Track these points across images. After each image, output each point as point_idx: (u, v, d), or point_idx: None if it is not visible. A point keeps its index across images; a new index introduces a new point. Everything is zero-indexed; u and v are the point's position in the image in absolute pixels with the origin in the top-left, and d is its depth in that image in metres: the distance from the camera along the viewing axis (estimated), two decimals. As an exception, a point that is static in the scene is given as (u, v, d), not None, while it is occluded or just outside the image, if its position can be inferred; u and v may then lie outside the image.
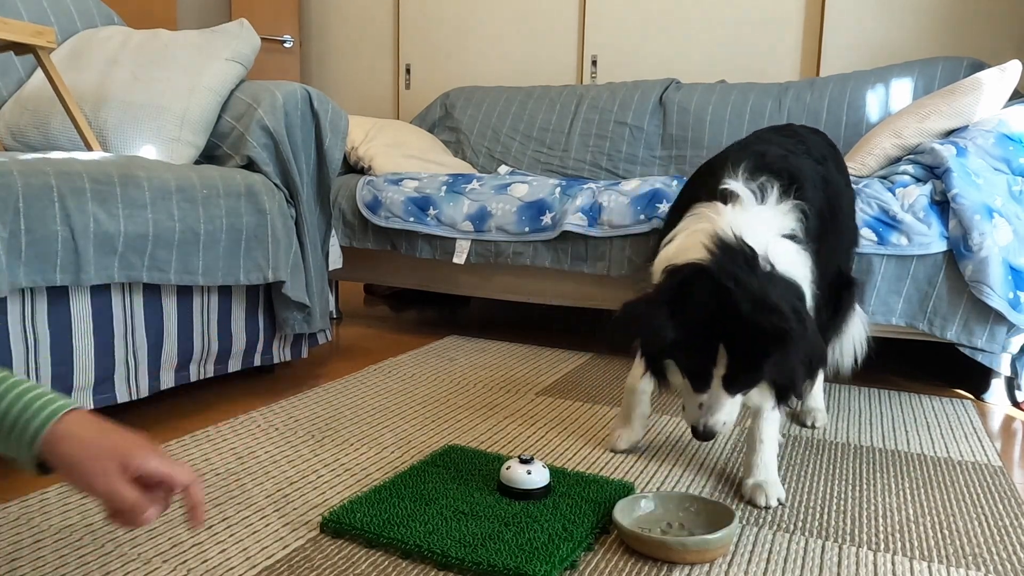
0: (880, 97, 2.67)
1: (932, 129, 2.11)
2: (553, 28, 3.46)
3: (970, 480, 1.42)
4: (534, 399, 1.89)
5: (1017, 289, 1.83)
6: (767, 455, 1.33)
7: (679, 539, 1.11)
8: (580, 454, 1.52)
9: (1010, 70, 2.05)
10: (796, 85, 2.85)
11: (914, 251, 1.89)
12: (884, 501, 1.32)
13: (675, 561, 1.11)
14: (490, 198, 2.39)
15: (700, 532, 1.15)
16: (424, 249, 2.47)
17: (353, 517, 1.17)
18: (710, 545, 1.09)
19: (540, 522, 1.17)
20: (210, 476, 1.37)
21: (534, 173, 3.10)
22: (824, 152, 1.55)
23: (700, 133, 2.90)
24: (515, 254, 2.34)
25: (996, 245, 1.81)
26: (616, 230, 2.18)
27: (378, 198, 2.52)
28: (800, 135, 1.57)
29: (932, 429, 1.72)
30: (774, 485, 1.31)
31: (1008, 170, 1.94)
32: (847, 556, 1.13)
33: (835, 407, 1.86)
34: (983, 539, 1.18)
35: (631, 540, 1.14)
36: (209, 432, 1.60)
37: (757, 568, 1.09)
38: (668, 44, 3.24)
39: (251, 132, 1.86)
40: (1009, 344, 1.86)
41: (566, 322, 2.94)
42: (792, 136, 1.55)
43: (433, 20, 3.72)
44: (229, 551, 1.10)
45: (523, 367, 2.20)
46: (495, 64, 3.60)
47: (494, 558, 1.05)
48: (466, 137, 3.30)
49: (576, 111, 3.14)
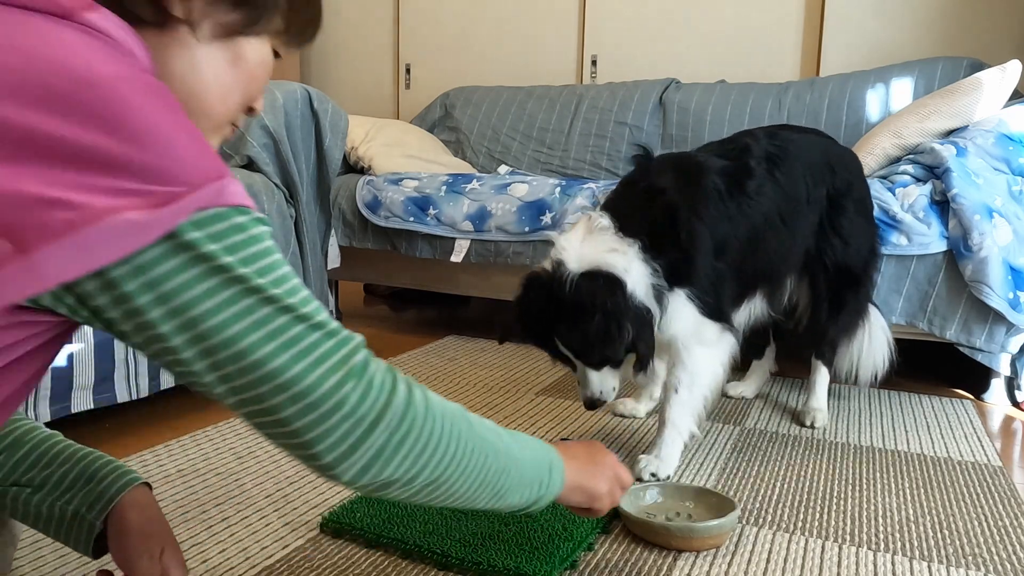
0: (880, 97, 2.67)
1: (932, 129, 2.10)
2: (553, 28, 3.45)
3: (970, 480, 1.42)
4: (534, 399, 1.89)
5: (1017, 289, 1.83)
6: (665, 435, 1.44)
7: (685, 525, 1.13)
8: (580, 454, 1.52)
9: (1010, 70, 2.05)
10: (796, 85, 2.85)
11: (914, 251, 1.89)
12: (884, 501, 1.32)
13: (680, 548, 1.12)
14: (490, 198, 2.39)
15: (703, 521, 1.16)
16: (424, 249, 2.47)
17: (353, 517, 1.17)
18: (712, 532, 1.11)
19: (540, 522, 1.17)
20: (210, 476, 1.37)
21: (534, 173, 3.10)
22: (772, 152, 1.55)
23: (700, 133, 2.90)
24: (515, 254, 2.34)
25: (996, 245, 1.81)
26: (616, 230, 2.18)
27: (378, 198, 2.51)
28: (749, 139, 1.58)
29: (932, 429, 1.72)
30: (665, 462, 1.42)
31: (1008, 170, 1.94)
32: (847, 556, 1.13)
33: (835, 407, 1.86)
34: (983, 539, 1.18)
35: (637, 527, 1.16)
36: (209, 432, 1.60)
37: (757, 568, 1.09)
38: (668, 44, 3.24)
39: (251, 132, 1.86)
40: (1008, 344, 1.86)
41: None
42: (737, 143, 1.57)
43: (433, 20, 3.72)
44: (229, 551, 1.10)
45: (523, 367, 2.20)
46: (495, 64, 3.59)
47: (494, 558, 1.05)
48: (466, 137, 3.30)
49: (576, 111, 3.14)
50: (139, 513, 0.87)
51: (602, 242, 1.35)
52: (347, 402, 0.61)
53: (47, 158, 0.49)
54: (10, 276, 0.49)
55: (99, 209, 0.50)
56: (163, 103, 0.54)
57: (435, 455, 0.67)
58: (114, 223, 0.50)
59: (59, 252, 0.49)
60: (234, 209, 0.57)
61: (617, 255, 1.33)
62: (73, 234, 0.49)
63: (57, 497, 0.86)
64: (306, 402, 0.59)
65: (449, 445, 0.69)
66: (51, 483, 0.87)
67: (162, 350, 0.57)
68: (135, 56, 0.58)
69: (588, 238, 1.36)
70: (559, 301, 1.31)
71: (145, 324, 0.55)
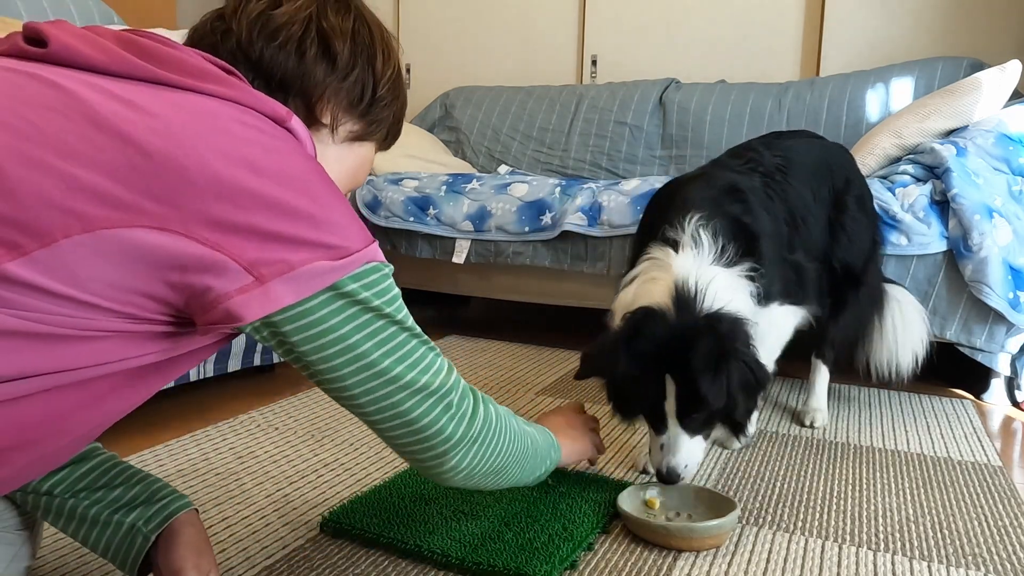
0: (880, 97, 2.67)
1: (932, 129, 2.10)
2: (553, 28, 3.45)
3: (970, 480, 1.42)
4: (534, 399, 1.89)
5: (1017, 289, 1.83)
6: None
7: (685, 525, 1.13)
8: (580, 454, 1.52)
9: (1010, 70, 2.05)
10: (796, 85, 2.85)
11: (914, 251, 1.89)
12: (884, 501, 1.32)
13: (680, 548, 1.12)
14: (490, 198, 2.39)
15: (703, 521, 1.16)
16: (424, 249, 2.47)
17: (353, 517, 1.17)
18: (712, 532, 1.11)
19: (540, 522, 1.17)
20: (210, 476, 1.37)
21: (534, 173, 3.10)
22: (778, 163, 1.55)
23: (700, 133, 2.90)
24: (515, 254, 2.34)
25: (996, 245, 1.81)
26: (616, 230, 2.18)
27: (378, 198, 2.51)
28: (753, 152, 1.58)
29: (932, 429, 1.72)
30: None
31: (1008, 170, 1.94)
32: (847, 556, 1.13)
33: (835, 407, 1.86)
34: (983, 539, 1.18)
35: (637, 527, 1.15)
36: (209, 432, 1.60)
37: (757, 568, 1.09)
38: (668, 44, 3.24)
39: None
40: (1008, 344, 1.86)
41: (566, 322, 2.94)
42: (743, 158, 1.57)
43: (433, 20, 3.72)
44: (229, 551, 1.10)
45: (523, 367, 2.20)
46: (495, 64, 3.59)
47: (494, 558, 1.05)
48: (466, 137, 3.30)
49: (576, 111, 3.14)
50: (192, 532, 0.91)
51: (719, 276, 1.23)
52: (452, 393, 0.82)
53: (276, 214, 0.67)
54: (250, 301, 0.66)
55: (304, 257, 0.67)
56: (335, 188, 0.73)
57: (504, 449, 0.90)
58: (315, 268, 0.68)
59: (281, 286, 0.67)
60: (382, 264, 0.76)
61: (734, 291, 1.23)
62: (290, 272, 0.67)
63: (115, 511, 0.91)
64: (428, 396, 0.79)
65: (511, 442, 0.91)
66: (110, 498, 0.92)
67: (323, 367, 0.74)
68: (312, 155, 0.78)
69: (701, 265, 1.24)
70: (690, 344, 1.15)
71: (318, 348, 0.73)
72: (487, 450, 0.87)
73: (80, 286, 0.61)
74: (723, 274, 1.24)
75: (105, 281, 0.62)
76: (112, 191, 0.61)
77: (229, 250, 0.64)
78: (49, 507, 0.92)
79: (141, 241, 0.62)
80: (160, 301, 0.66)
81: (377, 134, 0.94)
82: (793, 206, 1.51)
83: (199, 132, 0.65)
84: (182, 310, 0.68)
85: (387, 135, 0.97)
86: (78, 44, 0.70)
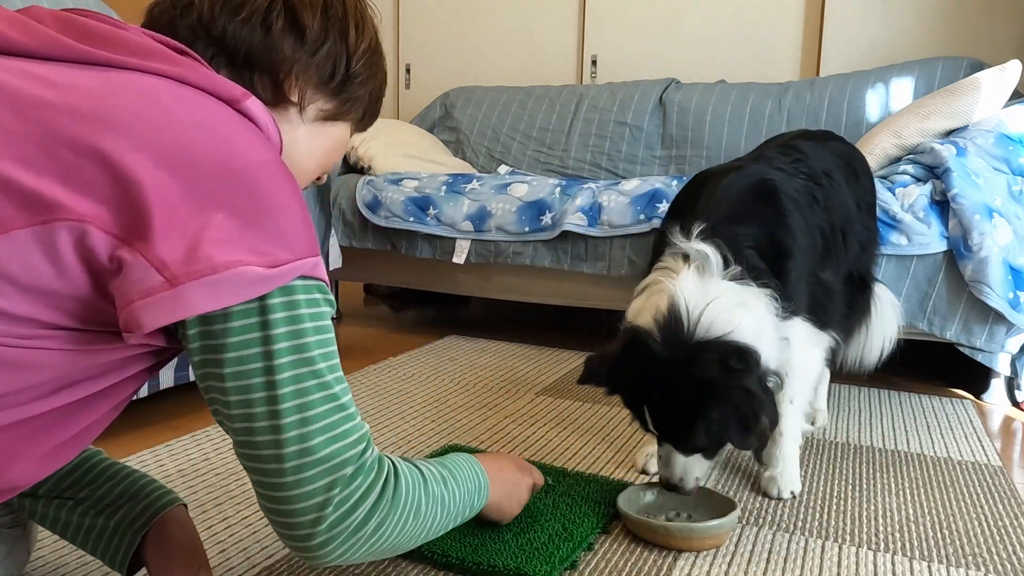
0: (880, 97, 2.67)
1: (932, 129, 2.10)
2: (553, 28, 3.45)
3: (970, 480, 1.42)
4: (534, 399, 1.89)
5: (1017, 289, 1.83)
6: (786, 448, 1.35)
7: (685, 525, 1.13)
8: (580, 454, 1.52)
9: (1010, 70, 2.05)
10: (796, 85, 2.85)
11: (914, 251, 1.89)
12: (884, 501, 1.32)
13: (680, 548, 1.12)
14: (490, 198, 2.39)
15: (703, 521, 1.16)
16: (424, 249, 2.47)
17: (353, 517, 1.17)
18: (712, 532, 1.11)
19: (540, 522, 1.17)
20: (210, 476, 1.37)
21: (534, 173, 3.10)
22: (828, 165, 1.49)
23: (700, 133, 2.90)
24: (515, 254, 2.34)
25: (996, 245, 1.81)
26: (616, 230, 2.18)
27: (378, 198, 2.51)
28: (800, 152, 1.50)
29: (932, 429, 1.72)
30: (789, 478, 1.33)
31: (1008, 170, 1.94)
32: (847, 556, 1.13)
33: (835, 407, 1.86)
34: (983, 539, 1.18)
35: (637, 527, 1.15)
36: (209, 432, 1.60)
37: (757, 568, 1.09)
38: (668, 44, 3.24)
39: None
40: (1008, 344, 1.86)
41: (566, 322, 2.94)
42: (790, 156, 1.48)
43: (433, 20, 3.72)
44: (229, 551, 1.10)
45: (523, 367, 2.20)
46: (495, 64, 3.59)
47: (494, 558, 1.05)
48: (466, 137, 3.30)
49: (576, 111, 3.14)
50: (180, 529, 0.89)
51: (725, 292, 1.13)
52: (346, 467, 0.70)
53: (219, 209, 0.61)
54: (159, 303, 0.59)
55: (230, 260, 0.60)
56: (291, 184, 0.67)
57: (399, 530, 0.77)
58: (245, 273, 0.61)
59: (199, 288, 0.59)
60: (316, 285, 0.68)
61: (744, 310, 1.13)
62: (212, 275, 0.60)
63: (100, 510, 0.89)
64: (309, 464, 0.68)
65: (414, 519, 0.79)
66: (95, 497, 0.89)
67: (214, 388, 0.67)
68: (272, 140, 0.72)
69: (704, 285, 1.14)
70: (671, 374, 1.08)
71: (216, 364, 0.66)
72: (372, 537, 0.74)
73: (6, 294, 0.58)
74: (731, 293, 1.15)
75: (22, 285, 0.59)
76: (25, 182, 0.57)
77: (139, 245, 0.59)
78: (35, 509, 0.91)
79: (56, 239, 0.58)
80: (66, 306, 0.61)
81: (352, 114, 0.86)
82: (836, 216, 1.41)
83: (138, 112, 0.61)
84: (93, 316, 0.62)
85: (363, 115, 0.88)
86: (5, 29, 0.66)
